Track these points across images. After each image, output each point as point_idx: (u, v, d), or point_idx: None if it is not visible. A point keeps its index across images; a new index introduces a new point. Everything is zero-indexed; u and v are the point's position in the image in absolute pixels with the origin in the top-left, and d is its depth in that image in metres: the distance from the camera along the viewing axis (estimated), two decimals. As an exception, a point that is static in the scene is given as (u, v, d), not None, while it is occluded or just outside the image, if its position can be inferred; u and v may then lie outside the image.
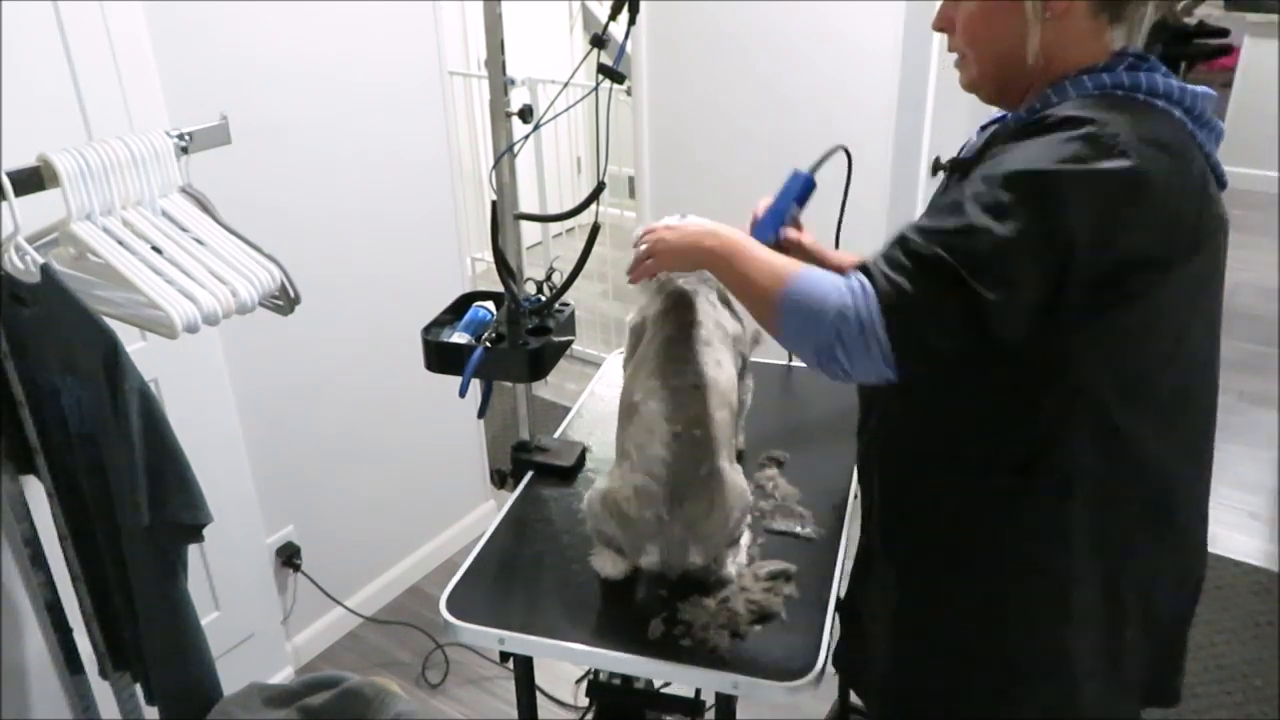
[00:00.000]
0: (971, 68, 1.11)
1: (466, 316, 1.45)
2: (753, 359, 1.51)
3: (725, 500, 1.21)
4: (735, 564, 1.26)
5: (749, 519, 1.30)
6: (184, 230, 1.37)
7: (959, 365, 1.00)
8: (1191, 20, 1.15)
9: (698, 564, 1.21)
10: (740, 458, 1.44)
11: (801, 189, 1.33)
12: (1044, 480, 1.04)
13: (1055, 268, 0.91)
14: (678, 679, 1.18)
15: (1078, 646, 1.08)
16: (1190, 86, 0.99)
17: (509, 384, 1.49)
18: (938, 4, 1.10)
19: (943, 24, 1.12)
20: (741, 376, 1.39)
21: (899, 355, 0.93)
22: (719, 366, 1.28)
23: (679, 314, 1.30)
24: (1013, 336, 0.94)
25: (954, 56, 1.13)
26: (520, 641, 1.21)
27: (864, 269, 0.98)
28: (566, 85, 1.26)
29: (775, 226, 1.34)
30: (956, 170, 1.12)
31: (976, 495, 1.08)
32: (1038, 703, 1.10)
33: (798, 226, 1.39)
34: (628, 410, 1.26)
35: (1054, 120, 0.95)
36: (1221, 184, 1.02)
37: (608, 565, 1.27)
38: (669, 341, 1.27)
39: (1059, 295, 0.93)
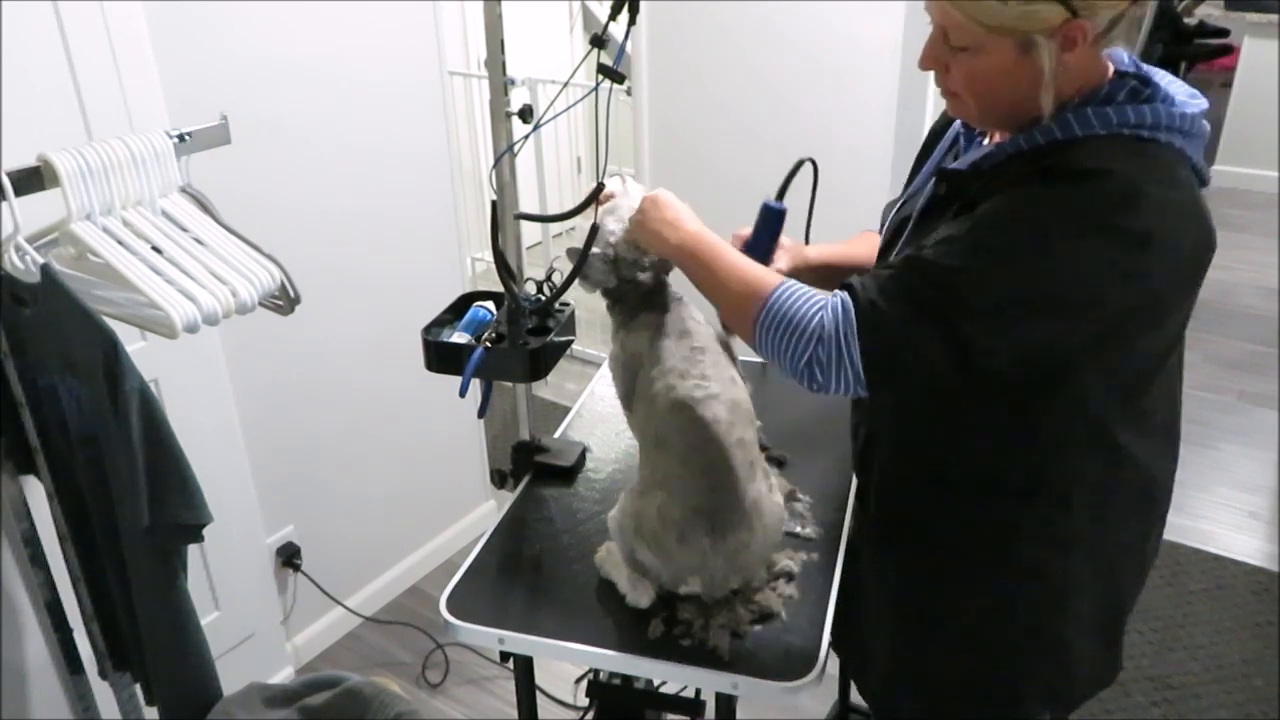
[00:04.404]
0: (969, 109, 1.06)
1: (466, 316, 1.45)
2: (753, 358, 1.50)
3: (766, 526, 1.20)
4: (770, 579, 1.25)
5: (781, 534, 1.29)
6: (184, 230, 1.37)
7: (947, 393, 1.03)
8: (1192, 20, 1.13)
9: (735, 587, 1.21)
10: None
11: (777, 222, 1.32)
12: (1044, 497, 1.09)
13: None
14: (678, 679, 1.18)
15: (1077, 641, 1.18)
16: (1187, 109, 0.99)
17: (509, 384, 1.49)
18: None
19: (932, 65, 1.04)
20: None
21: (869, 378, 0.98)
22: (734, 384, 1.25)
23: (679, 337, 1.27)
24: (996, 374, 0.97)
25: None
26: (520, 641, 1.21)
27: (849, 288, 0.99)
28: (566, 85, 1.26)
29: (760, 261, 1.32)
30: (946, 181, 1.10)
31: (977, 516, 1.14)
32: (1039, 689, 1.21)
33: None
34: (655, 441, 1.22)
35: (1073, 172, 0.94)
36: (1204, 182, 1.02)
37: (642, 598, 1.21)
38: (683, 369, 1.23)
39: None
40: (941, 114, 1.26)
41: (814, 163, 1.30)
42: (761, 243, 1.31)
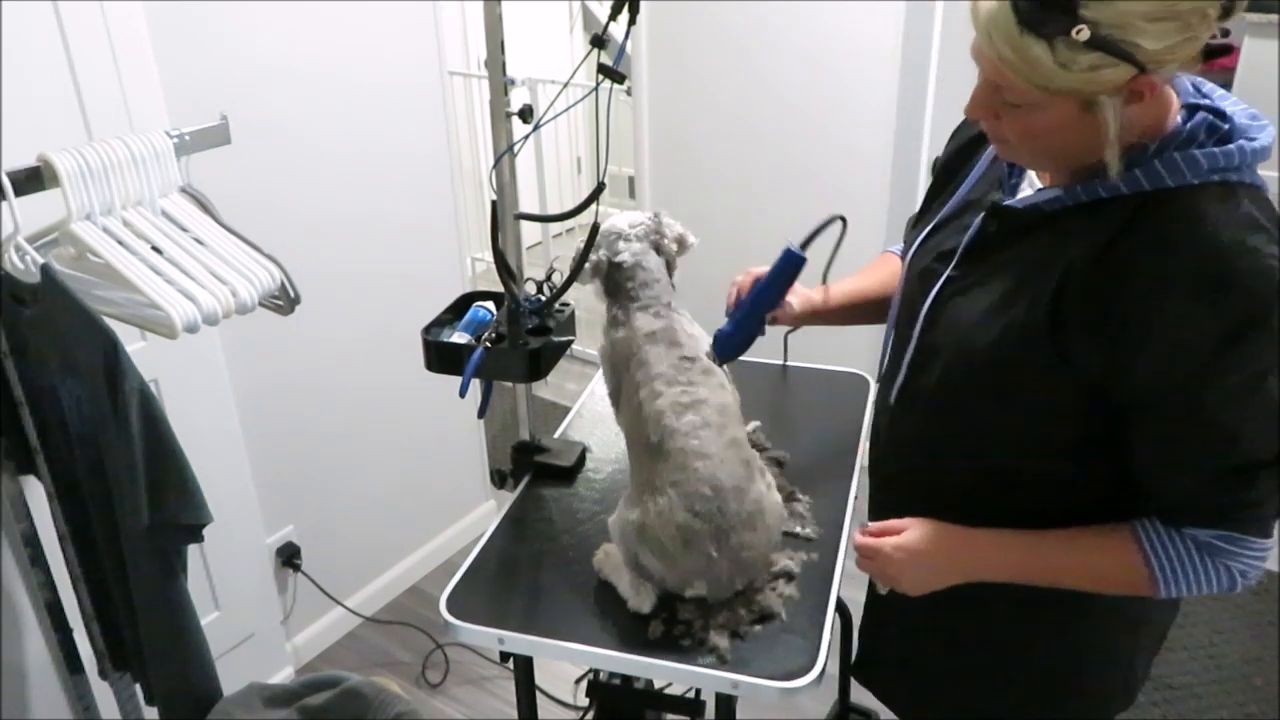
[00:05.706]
0: (1021, 157, 1.02)
1: (466, 316, 1.45)
2: (752, 359, 1.50)
3: (768, 526, 1.21)
4: (770, 579, 1.25)
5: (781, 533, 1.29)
6: (184, 230, 1.37)
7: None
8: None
9: (740, 588, 1.21)
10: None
11: (796, 269, 1.33)
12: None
13: None
14: (678, 679, 1.18)
15: (1142, 665, 1.22)
16: (1260, 142, 0.94)
17: (509, 384, 1.49)
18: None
19: (981, 115, 0.97)
20: None
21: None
22: (722, 389, 1.26)
23: (669, 346, 1.27)
24: None
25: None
26: (520, 641, 1.21)
27: (1223, 522, 0.96)
28: (566, 85, 1.26)
29: (769, 307, 1.35)
30: (999, 218, 1.04)
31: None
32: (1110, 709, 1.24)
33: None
34: (650, 448, 1.22)
35: (1192, 264, 0.88)
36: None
37: (644, 603, 1.21)
38: (670, 375, 1.24)
39: None
40: (965, 122, 1.19)
41: (844, 220, 1.31)
42: (777, 284, 1.34)
